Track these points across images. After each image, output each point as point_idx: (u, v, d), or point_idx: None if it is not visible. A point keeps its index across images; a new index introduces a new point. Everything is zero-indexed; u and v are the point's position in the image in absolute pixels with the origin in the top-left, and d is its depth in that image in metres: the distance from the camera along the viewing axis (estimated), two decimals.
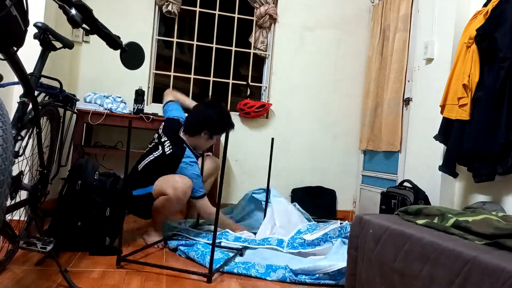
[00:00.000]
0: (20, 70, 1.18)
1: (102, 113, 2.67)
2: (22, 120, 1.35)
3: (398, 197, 2.43)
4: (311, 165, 3.54)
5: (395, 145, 3.01)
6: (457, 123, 2.21)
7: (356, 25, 3.63)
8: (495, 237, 1.03)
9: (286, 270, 1.75)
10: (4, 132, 0.91)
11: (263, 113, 3.35)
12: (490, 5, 2.14)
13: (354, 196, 3.62)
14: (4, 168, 0.88)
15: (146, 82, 3.20)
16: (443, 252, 1.01)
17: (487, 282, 0.87)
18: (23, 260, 1.71)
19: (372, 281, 1.26)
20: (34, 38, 1.51)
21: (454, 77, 2.25)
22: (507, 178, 2.10)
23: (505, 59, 1.99)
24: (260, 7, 3.38)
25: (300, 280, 1.72)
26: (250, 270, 1.80)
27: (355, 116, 3.63)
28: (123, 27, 3.08)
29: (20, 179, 1.44)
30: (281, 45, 3.48)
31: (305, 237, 2.10)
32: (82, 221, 1.88)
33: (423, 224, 1.26)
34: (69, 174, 1.96)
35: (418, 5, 2.94)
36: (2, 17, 0.91)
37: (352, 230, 1.45)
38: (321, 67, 3.57)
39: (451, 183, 2.50)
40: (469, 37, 2.17)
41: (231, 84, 3.45)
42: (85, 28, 1.30)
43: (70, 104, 1.85)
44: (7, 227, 1.30)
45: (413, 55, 2.94)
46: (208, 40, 3.40)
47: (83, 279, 1.56)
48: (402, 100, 3.00)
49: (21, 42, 1.04)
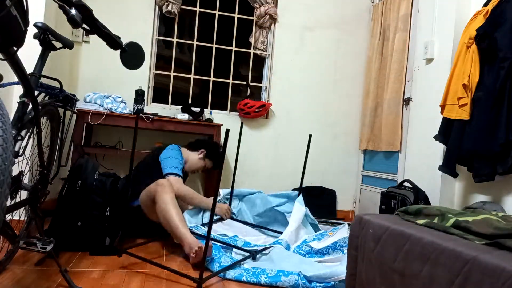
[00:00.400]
0: (20, 70, 1.18)
1: (102, 113, 2.67)
2: (22, 120, 1.35)
3: (398, 197, 2.43)
4: (311, 165, 3.54)
5: (395, 145, 3.01)
6: (457, 123, 2.21)
7: (356, 25, 3.64)
8: (495, 237, 1.03)
9: (300, 277, 1.62)
10: (4, 132, 0.91)
11: (263, 113, 3.35)
12: (490, 5, 2.14)
13: (354, 196, 3.62)
14: (4, 168, 0.88)
15: (146, 82, 3.20)
16: (443, 252, 1.01)
17: (487, 282, 0.87)
18: (23, 260, 1.71)
19: (372, 281, 1.26)
20: (34, 38, 1.51)
21: (454, 77, 2.25)
22: (507, 178, 2.10)
23: (505, 59, 1.99)
24: (260, 7, 3.38)
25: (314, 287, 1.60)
26: (260, 276, 1.67)
27: (355, 116, 3.63)
28: (123, 27, 3.08)
29: (20, 179, 1.44)
30: (281, 45, 3.49)
31: (312, 244, 2.00)
32: (82, 221, 1.88)
33: (423, 224, 1.26)
34: (69, 174, 1.96)
35: (418, 5, 2.94)
36: (2, 17, 0.91)
37: (352, 230, 1.45)
38: (321, 67, 3.57)
39: (451, 183, 2.50)
40: (469, 37, 2.17)
41: (231, 84, 3.45)
42: (85, 28, 1.30)
43: (70, 104, 1.85)
44: (7, 227, 1.30)
45: (413, 55, 2.94)
46: (208, 40, 3.40)
47: (83, 279, 1.56)
48: (402, 100, 3.00)
49: (21, 42, 1.04)
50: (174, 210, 1.95)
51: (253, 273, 1.71)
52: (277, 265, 1.77)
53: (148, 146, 3.11)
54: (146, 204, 2.13)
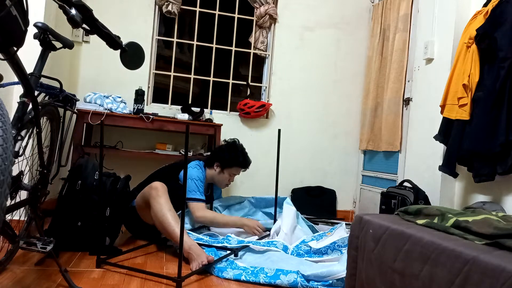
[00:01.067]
0: (20, 70, 1.18)
1: (102, 113, 2.67)
2: (22, 120, 1.35)
3: (398, 197, 2.43)
4: (311, 165, 3.54)
5: (395, 145, 3.01)
6: (457, 123, 2.21)
7: (356, 25, 3.64)
8: (495, 237, 1.03)
9: (298, 275, 1.63)
10: (4, 132, 0.91)
11: (263, 113, 3.35)
12: (490, 5, 2.14)
13: (354, 196, 3.62)
14: (4, 168, 0.88)
15: (146, 82, 3.20)
16: (443, 252, 1.01)
17: (487, 282, 0.87)
18: (23, 260, 1.71)
19: (372, 281, 1.26)
20: (34, 38, 1.51)
21: (454, 77, 2.25)
22: (507, 178, 2.10)
23: (505, 59, 1.99)
24: (260, 7, 3.38)
25: (312, 286, 1.60)
26: (259, 275, 1.68)
27: (355, 116, 3.63)
28: (123, 27, 3.08)
29: (20, 179, 1.44)
30: (281, 45, 3.49)
31: (311, 244, 2.00)
32: (82, 221, 1.88)
33: (423, 224, 1.26)
34: (69, 174, 1.96)
35: (418, 5, 2.94)
36: (2, 17, 0.91)
37: (352, 230, 1.45)
38: (321, 67, 3.57)
39: (451, 183, 2.50)
40: (469, 37, 2.17)
41: (231, 84, 3.45)
42: (85, 28, 1.30)
43: (70, 104, 1.84)
44: (7, 227, 1.30)
45: (413, 55, 2.94)
46: (208, 40, 3.40)
47: (83, 279, 1.56)
48: (402, 100, 3.00)
49: (21, 42, 1.04)
50: (169, 213, 1.91)
51: (252, 272, 1.71)
52: (276, 265, 1.78)
53: (148, 146, 3.11)
54: (140, 207, 2.13)
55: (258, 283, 1.67)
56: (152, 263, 1.85)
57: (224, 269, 1.75)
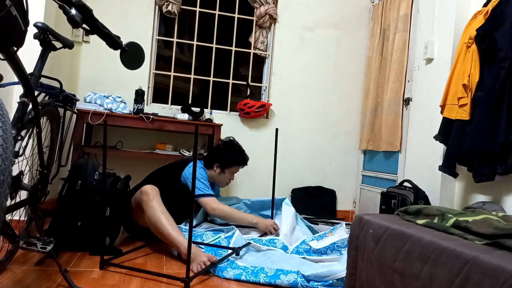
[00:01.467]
0: (20, 70, 1.18)
1: (102, 113, 2.67)
2: (22, 120, 1.35)
3: (398, 197, 2.43)
4: (311, 165, 3.54)
5: (395, 145, 3.01)
6: (457, 123, 2.21)
7: (356, 25, 3.64)
8: (495, 237, 1.03)
9: (298, 275, 1.63)
10: (4, 132, 0.91)
11: (263, 113, 3.35)
12: (490, 5, 2.14)
13: (354, 196, 3.62)
14: (4, 168, 0.88)
15: (146, 82, 3.20)
16: (443, 252, 1.01)
17: (487, 282, 0.87)
18: (23, 260, 1.71)
19: (372, 281, 1.26)
20: (34, 38, 1.51)
21: (454, 77, 2.25)
22: (507, 178, 2.10)
23: (505, 59, 1.99)
24: (260, 7, 3.38)
25: (312, 286, 1.60)
26: (259, 275, 1.68)
27: (355, 116, 3.63)
28: (123, 27, 3.08)
29: (20, 179, 1.44)
30: (281, 45, 3.49)
31: (311, 243, 2.01)
32: (82, 221, 1.88)
33: (423, 224, 1.26)
34: (69, 174, 1.96)
35: (418, 5, 2.94)
36: (2, 17, 0.91)
37: (352, 230, 1.45)
38: (321, 67, 3.57)
39: (451, 183, 2.50)
40: (469, 37, 2.17)
41: (231, 84, 3.45)
42: (85, 28, 1.30)
43: (70, 104, 1.85)
44: (7, 227, 1.30)
45: (413, 55, 2.94)
46: (208, 40, 3.40)
47: (83, 279, 1.56)
48: (402, 100, 3.00)
49: (21, 42, 1.04)
50: (163, 216, 1.90)
51: (252, 272, 1.71)
52: (277, 264, 1.78)
53: (148, 146, 3.11)
54: (134, 212, 2.13)
55: (258, 283, 1.67)
56: (153, 263, 1.85)
57: (225, 269, 1.75)
